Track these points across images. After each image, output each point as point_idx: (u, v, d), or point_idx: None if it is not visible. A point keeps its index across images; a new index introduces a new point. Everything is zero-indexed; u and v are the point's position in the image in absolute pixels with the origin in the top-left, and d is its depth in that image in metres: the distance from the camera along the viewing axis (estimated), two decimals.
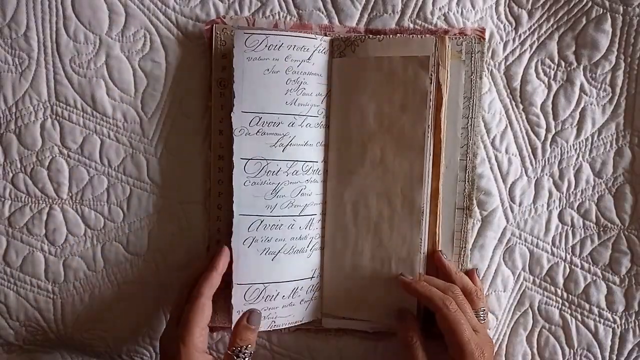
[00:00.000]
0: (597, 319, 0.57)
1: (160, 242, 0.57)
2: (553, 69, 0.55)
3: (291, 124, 0.52)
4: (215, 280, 0.51)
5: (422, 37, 0.52)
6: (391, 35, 0.53)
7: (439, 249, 0.53)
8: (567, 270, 0.57)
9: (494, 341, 0.57)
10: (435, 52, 0.50)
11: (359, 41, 0.52)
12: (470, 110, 0.53)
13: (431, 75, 0.50)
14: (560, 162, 0.56)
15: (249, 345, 0.50)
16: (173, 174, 0.56)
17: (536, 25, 0.55)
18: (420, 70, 0.51)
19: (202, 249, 0.56)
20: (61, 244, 0.57)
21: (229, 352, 0.49)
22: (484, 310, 0.52)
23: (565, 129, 0.55)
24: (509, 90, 0.55)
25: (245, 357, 0.49)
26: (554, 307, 0.57)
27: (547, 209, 0.56)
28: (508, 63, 0.55)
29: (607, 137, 0.55)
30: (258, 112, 0.52)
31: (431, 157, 0.52)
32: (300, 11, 0.54)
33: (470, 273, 0.55)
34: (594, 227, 0.56)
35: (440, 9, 0.54)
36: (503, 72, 0.55)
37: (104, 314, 0.58)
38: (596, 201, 0.56)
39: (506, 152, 0.56)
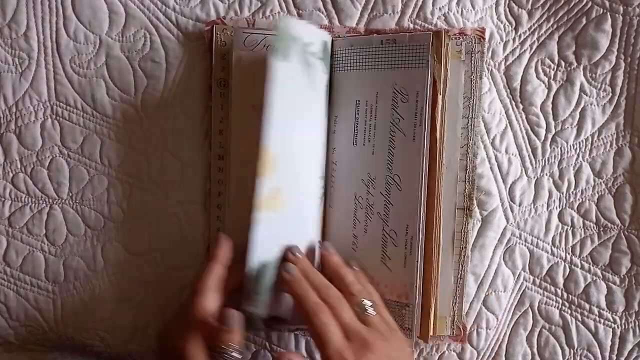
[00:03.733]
0: (597, 319, 0.57)
1: (160, 242, 0.57)
2: (553, 69, 0.55)
3: None
4: (216, 270, 0.48)
5: (417, 32, 0.52)
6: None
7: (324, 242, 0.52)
8: (567, 270, 0.57)
9: (494, 341, 0.57)
10: (430, 47, 0.50)
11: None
12: (470, 110, 0.53)
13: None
14: (560, 162, 0.56)
15: (231, 346, 0.46)
16: (173, 174, 0.56)
17: (536, 25, 0.55)
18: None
19: (202, 249, 0.56)
20: (61, 244, 0.57)
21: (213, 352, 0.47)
22: (363, 302, 0.48)
23: (565, 129, 0.55)
24: (509, 90, 0.56)
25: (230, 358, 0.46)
26: (554, 307, 0.57)
27: (547, 209, 0.56)
28: (508, 63, 0.55)
29: (607, 137, 0.55)
30: None
31: (427, 157, 0.51)
32: (300, 11, 0.54)
33: (349, 266, 0.51)
34: (594, 227, 0.56)
35: (440, 9, 0.54)
36: (503, 72, 0.55)
37: (104, 314, 0.58)
38: (596, 201, 0.56)
39: (506, 152, 0.56)
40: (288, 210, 0.49)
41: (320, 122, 0.53)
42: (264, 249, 0.47)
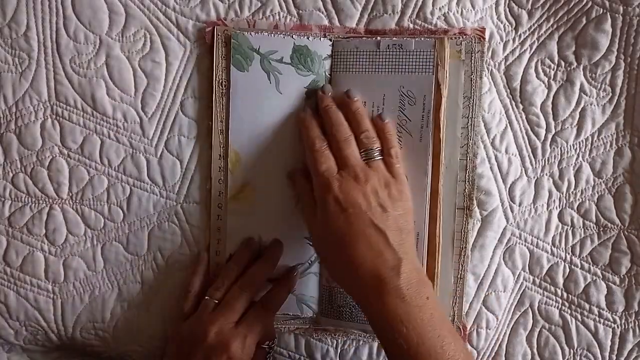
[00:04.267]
0: (597, 319, 0.57)
1: (160, 242, 0.57)
2: (553, 69, 0.55)
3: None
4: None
5: (421, 38, 0.52)
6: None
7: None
8: (567, 270, 0.57)
9: (493, 341, 0.57)
10: (434, 52, 0.51)
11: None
12: (470, 110, 0.54)
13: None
14: (560, 162, 0.56)
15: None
16: (173, 174, 0.56)
17: (536, 25, 0.55)
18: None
19: (202, 249, 0.56)
20: (61, 244, 0.57)
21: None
22: (371, 148, 0.49)
23: (565, 129, 0.55)
24: (509, 90, 0.56)
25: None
26: (554, 307, 0.57)
27: (547, 209, 0.56)
28: (508, 63, 0.55)
29: (607, 137, 0.55)
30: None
31: (431, 157, 0.52)
32: (300, 11, 0.54)
33: (378, 117, 0.52)
34: (594, 227, 0.56)
35: (440, 9, 0.54)
36: (503, 72, 0.55)
37: (104, 314, 0.58)
38: (596, 201, 0.56)
39: (506, 152, 0.56)
40: (262, 205, 0.55)
41: (292, 121, 0.54)
42: (240, 239, 0.55)
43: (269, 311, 0.51)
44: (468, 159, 0.54)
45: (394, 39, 0.52)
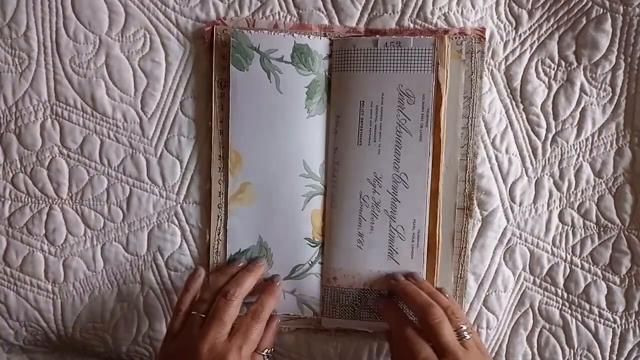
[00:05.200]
0: (597, 319, 0.57)
1: (160, 242, 0.57)
2: (553, 69, 0.55)
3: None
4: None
5: (422, 37, 0.52)
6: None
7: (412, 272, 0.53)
8: (568, 270, 0.57)
9: (494, 341, 0.57)
10: (435, 51, 0.51)
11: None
12: (471, 110, 0.53)
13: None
14: (560, 162, 0.56)
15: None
16: (173, 174, 0.56)
17: (536, 25, 0.55)
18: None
19: (202, 249, 0.56)
20: (61, 244, 0.57)
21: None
22: (463, 327, 0.48)
23: (566, 129, 0.55)
24: (509, 90, 0.55)
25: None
26: (554, 307, 0.57)
27: (548, 209, 0.56)
28: (508, 63, 0.55)
29: (607, 137, 0.55)
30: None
31: (431, 156, 0.52)
32: (300, 11, 0.54)
33: (441, 291, 0.53)
34: (594, 227, 0.56)
35: (440, 8, 0.54)
36: (503, 72, 0.55)
37: (104, 314, 0.58)
38: (596, 201, 0.56)
39: (506, 152, 0.56)
40: (261, 205, 0.54)
41: (293, 121, 0.54)
42: (240, 239, 0.55)
43: (259, 320, 0.50)
44: (468, 159, 0.54)
45: (392, 37, 0.52)
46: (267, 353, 0.53)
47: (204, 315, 0.50)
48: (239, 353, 0.47)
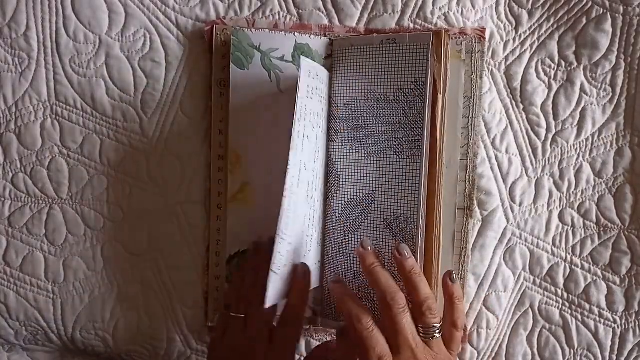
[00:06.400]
0: (598, 319, 0.57)
1: (160, 242, 0.57)
2: (553, 69, 0.55)
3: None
4: None
5: (417, 32, 0.52)
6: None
7: (397, 244, 0.49)
8: (568, 270, 0.57)
9: (494, 342, 0.57)
10: (431, 46, 0.50)
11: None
12: (471, 110, 0.53)
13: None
14: (560, 162, 0.56)
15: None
16: (173, 174, 0.56)
17: (536, 25, 0.55)
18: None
19: (202, 249, 0.56)
20: (61, 244, 0.57)
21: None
22: (434, 326, 0.45)
23: (566, 129, 0.55)
24: (509, 90, 0.55)
25: None
26: (555, 307, 0.57)
27: (548, 209, 0.56)
28: (508, 63, 0.55)
29: (607, 137, 0.55)
30: None
31: (427, 154, 0.51)
32: (300, 11, 0.54)
33: (447, 275, 0.50)
34: (594, 227, 0.56)
35: (440, 8, 0.54)
36: (503, 72, 0.55)
37: (104, 314, 0.58)
38: (596, 201, 0.56)
39: (506, 152, 0.56)
40: (261, 205, 0.54)
41: (292, 121, 0.53)
42: (240, 239, 0.54)
43: (292, 328, 0.48)
44: (468, 159, 0.54)
45: (388, 34, 0.52)
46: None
47: (243, 315, 0.49)
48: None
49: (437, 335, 0.45)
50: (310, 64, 0.48)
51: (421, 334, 0.45)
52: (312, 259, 0.53)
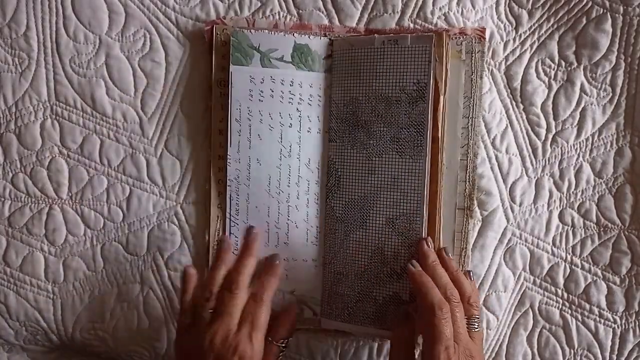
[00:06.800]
0: (598, 319, 0.57)
1: (160, 242, 0.57)
2: (553, 69, 0.55)
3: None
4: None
5: (419, 34, 0.52)
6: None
7: (443, 246, 0.53)
8: (568, 270, 0.57)
9: (494, 342, 0.57)
10: (432, 48, 0.50)
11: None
12: (471, 110, 0.53)
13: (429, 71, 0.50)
14: (560, 162, 0.56)
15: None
16: (173, 174, 0.56)
17: (536, 25, 0.55)
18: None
19: (202, 249, 0.56)
20: (61, 244, 0.57)
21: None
22: (477, 318, 0.50)
23: (566, 129, 0.55)
24: (509, 90, 0.55)
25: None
26: (555, 307, 0.57)
27: (548, 209, 0.56)
28: (508, 63, 0.55)
29: (607, 137, 0.55)
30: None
31: (429, 155, 0.51)
32: (300, 11, 0.54)
33: (465, 275, 0.53)
34: (594, 227, 0.56)
35: (440, 8, 0.54)
36: (503, 72, 0.55)
37: (104, 314, 0.58)
38: (596, 201, 0.56)
39: (506, 152, 0.56)
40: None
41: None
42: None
43: (261, 302, 0.49)
44: (468, 159, 0.54)
45: (390, 35, 0.52)
46: (282, 343, 0.51)
47: (211, 310, 0.49)
48: (250, 341, 0.47)
49: (477, 327, 0.49)
50: (249, 71, 0.52)
51: (467, 326, 0.49)
52: (308, 256, 0.55)
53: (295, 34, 0.53)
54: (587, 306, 0.57)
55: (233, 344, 0.47)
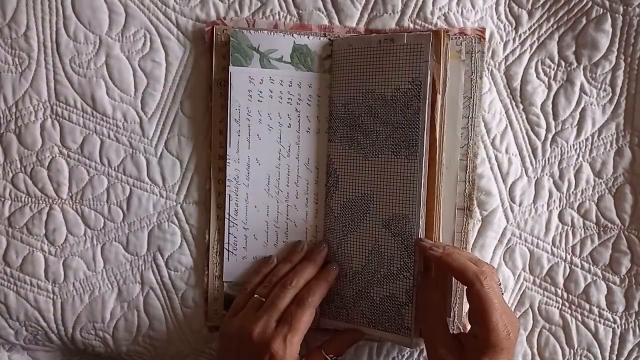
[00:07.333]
0: (597, 319, 0.57)
1: (160, 242, 0.57)
2: (553, 69, 0.55)
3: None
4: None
5: (416, 32, 0.52)
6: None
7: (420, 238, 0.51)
8: (567, 270, 0.57)
9: None
10: (429, 46, 0.50)
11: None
12: (471, 110, 0.53)
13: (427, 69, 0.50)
14: (560, 162, 0.56)
15: None
16: (173, 174, 0.56)
17: (536, 25, 0.55)
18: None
19: (203, 249, 0.56)
20: (61, 244, 0.57)
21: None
22: (500, 283, 0.50)
23: (566, 129, 0.55)
24: (509, 90, 0.55)
25: None
26: (554, 307, 0.57)
27: (547, 209, 0.56)
28: (508, 63, 0.55)
29: (607, 137, 0.55)
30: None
31: (427, 156, 0.51)
32: (300, 11, 0.54)
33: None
34: (594, 227, 0.56)
35: (440, 8, 0.54)
36: (503, 72, 0.55)
37: (104, 314, 0.58)
38: (596, 201, 0.56)
39: (506, 152, 0.56)
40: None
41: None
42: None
43: (305, 307, 0.49)
44: (468, 159, 0.54)
45: (386, 34, 0.52)
46: (333, 357, 0.52)
47: (263, 300, 0.51)
48: (284, 341, 0.47)
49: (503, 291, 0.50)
50: (248, 71, 0.53)
51: None
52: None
53: (294, 34, 0.53)
54: (587, 306, 0.57)
55: (267, 339, 0.48)
